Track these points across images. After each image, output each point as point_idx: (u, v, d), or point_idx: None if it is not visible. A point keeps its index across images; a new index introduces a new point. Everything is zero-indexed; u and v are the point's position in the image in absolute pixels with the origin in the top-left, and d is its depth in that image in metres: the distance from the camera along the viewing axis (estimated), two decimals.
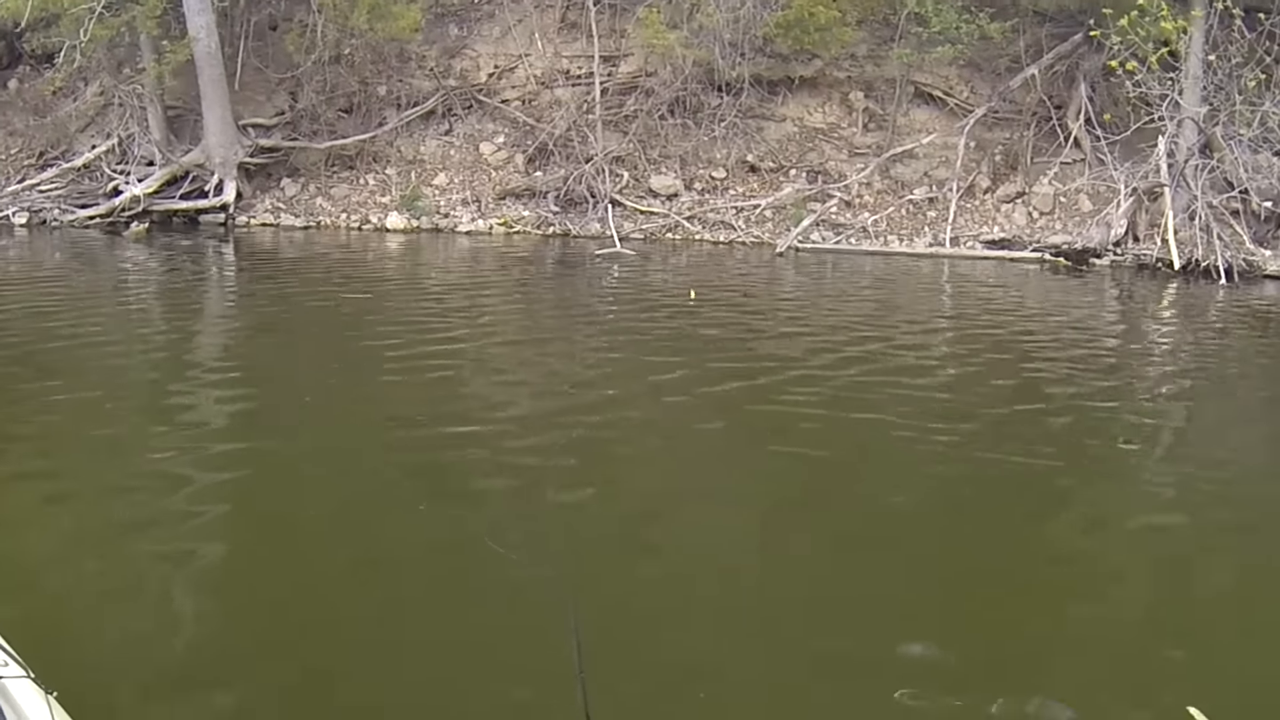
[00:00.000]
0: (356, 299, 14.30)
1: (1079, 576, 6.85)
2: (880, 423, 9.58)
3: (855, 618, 5.98)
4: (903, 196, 19.55)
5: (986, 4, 19.13)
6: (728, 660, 5.52)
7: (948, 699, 5.17)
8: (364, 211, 19.53)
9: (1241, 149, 17.82)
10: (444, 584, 6.20)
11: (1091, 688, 5.36)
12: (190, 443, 8.73)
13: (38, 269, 16.02)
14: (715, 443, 9.22)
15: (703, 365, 11.33)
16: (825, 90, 20.26)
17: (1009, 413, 10.09)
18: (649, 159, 19.80)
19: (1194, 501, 8.17)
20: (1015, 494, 8.18)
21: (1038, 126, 19.68)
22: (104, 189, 19.01)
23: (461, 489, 7.85)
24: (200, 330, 13.46)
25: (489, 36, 20.74)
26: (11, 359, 10.94)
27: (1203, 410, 11.01)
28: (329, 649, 5.51)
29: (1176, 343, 14.02)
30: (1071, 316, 14.96)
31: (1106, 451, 9.34)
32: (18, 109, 20.45)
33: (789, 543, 7.16)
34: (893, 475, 8.45)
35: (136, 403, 9.72)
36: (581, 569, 6.23)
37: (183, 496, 7.59)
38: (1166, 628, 6.19)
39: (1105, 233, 18.22)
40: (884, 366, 11.58)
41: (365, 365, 10.88)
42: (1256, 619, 6.21)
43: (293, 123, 20.01)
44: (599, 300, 14.98)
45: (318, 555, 6.72)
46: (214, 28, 18.31)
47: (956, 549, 7.17)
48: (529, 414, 9.69)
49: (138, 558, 6.67)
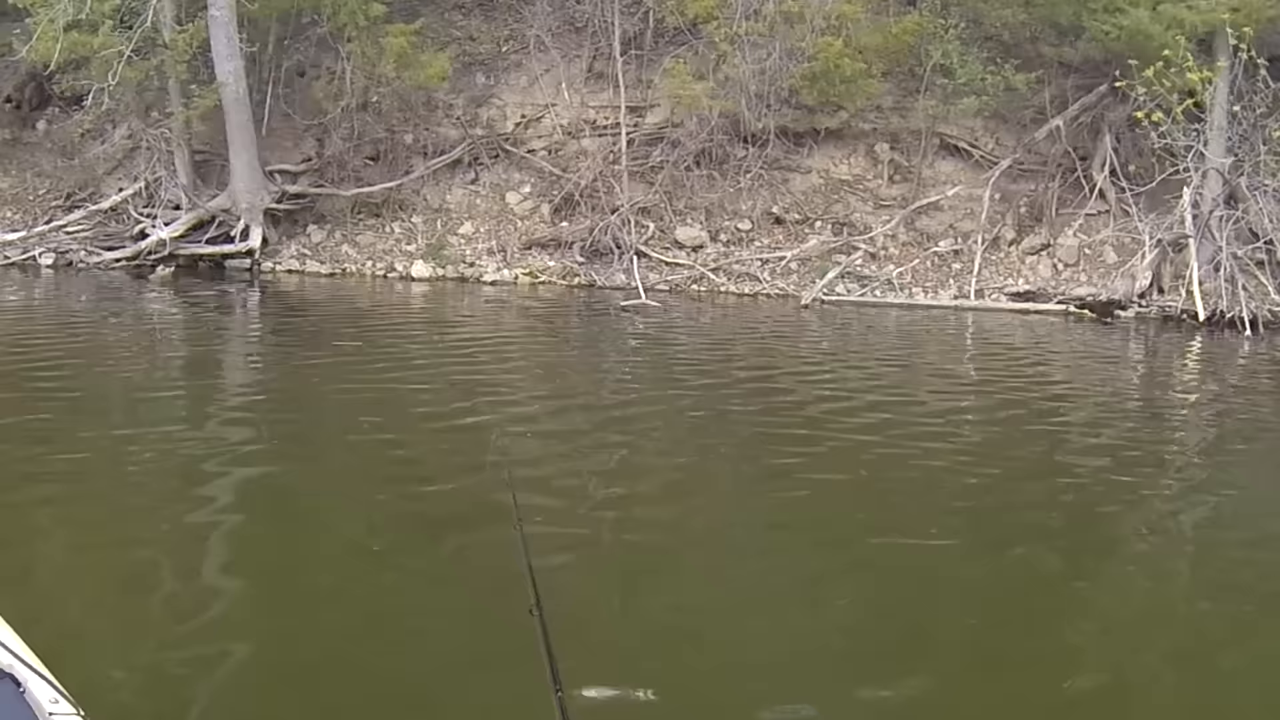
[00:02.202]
0: (381, 349, 14.31)
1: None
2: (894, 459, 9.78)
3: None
4: (928, 249, 19.44)
5: (1011, 55, 19.12)
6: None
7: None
8: (389, 259, 19.43)
9: (1266, 199, 17.83)
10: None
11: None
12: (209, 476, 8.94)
13: (65, 311, 16.13)
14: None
15: (715, 412, 11.49)
16: (851, 142, 20.13)
17: (1031, 478, 10.11)
18: (675, 210, 19.67)
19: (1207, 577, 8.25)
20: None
21: (1063, 178, 19.54)
22: (130, 232, 18.96)
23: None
24: (224, 374, 13.67)
25: (516, 86, 20.67)
26: (43, 395, 11.11)
27: (1225, 465, 11.00)
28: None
29: (1200, 397, 14.06)
30: (1095, 371, 14.99)
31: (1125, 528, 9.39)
32: (46, 150, 20.46)
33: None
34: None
35: (157, 442, 9.83)
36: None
37: (200, 526, 7.85)
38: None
39: (1130, 284, 18.15)
40: (900, 419, 11.67)
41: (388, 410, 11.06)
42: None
43: (319, 169, 19.93)
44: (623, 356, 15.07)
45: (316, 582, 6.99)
46: (242, 73, 18.31)
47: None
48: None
49: (170, 593, 6.84)
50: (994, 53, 19.21)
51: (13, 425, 10.04)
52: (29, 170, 20.36)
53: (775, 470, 9.81)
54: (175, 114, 18.66)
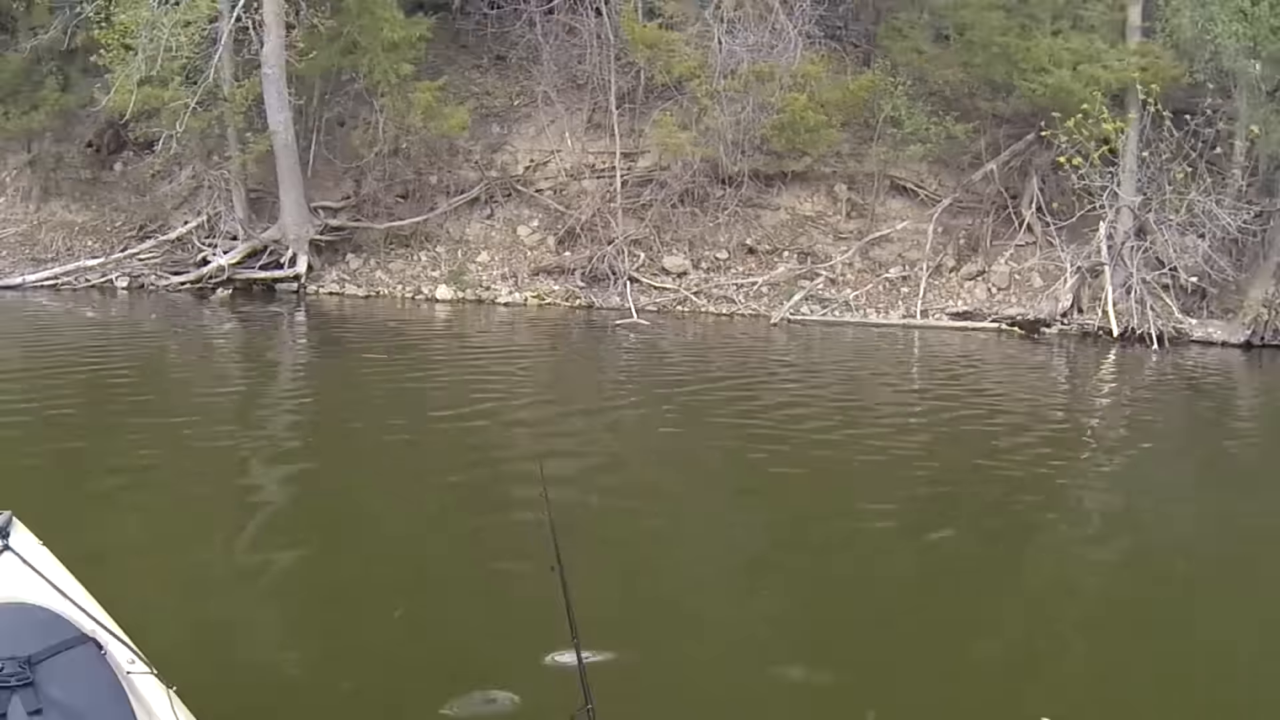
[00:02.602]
0: (410, 357, 14.48)
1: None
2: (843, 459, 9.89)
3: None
4: (879, 275, 19.39)
5: (952, 109, 19.19)
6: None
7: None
8: (417, 284, 19.37)
9: (1170, 232, 17.88)
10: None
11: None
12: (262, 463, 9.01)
13: (138, 326, 16.22)
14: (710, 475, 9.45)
15: (696, 414, 11.55)
16: (813, 183, 20.07)
17: (964, 471, 10.24)
18: (662, 241, 19.62)
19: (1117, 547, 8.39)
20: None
21: (996, 214, 19.58)
22: (194, 259, 18.92)
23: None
24: (275, 378, 13.76)
25: (526, 134, 20.61)
26: (119, 396, 11.23)
27: (1133, 460, 11.15)
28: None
29: (1113, 402, 14.20)
30: (1023, 380, 15.10)
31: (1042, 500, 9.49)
32: (121, 189, 20.43)
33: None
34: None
35: (218, 434, 9.92)
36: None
37: (258, 507, 7.98)
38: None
39: (1054, 305, 18.27)
40: (852, 420, 11.79)
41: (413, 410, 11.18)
42: (1119, 647, 6.26)
43: (357, 206, 19.86)
44: (618, 366, 15.15)
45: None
46: (290, 123, 18.33)
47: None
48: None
49: (231, 564, 6.95)
50: (937, 106, 19.27)
51: (93, 421, 10.22)
52: (107, 205, 20.30)
53: (743, 461, 9.94)
54: (233, 157, 18.64)
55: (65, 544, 3.94)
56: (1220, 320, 18.03)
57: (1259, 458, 11.67)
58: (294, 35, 18.07)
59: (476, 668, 5.46)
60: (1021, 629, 6.63)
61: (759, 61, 18.54)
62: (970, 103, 19.31)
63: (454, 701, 4.94)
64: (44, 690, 3.16)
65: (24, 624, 3.39)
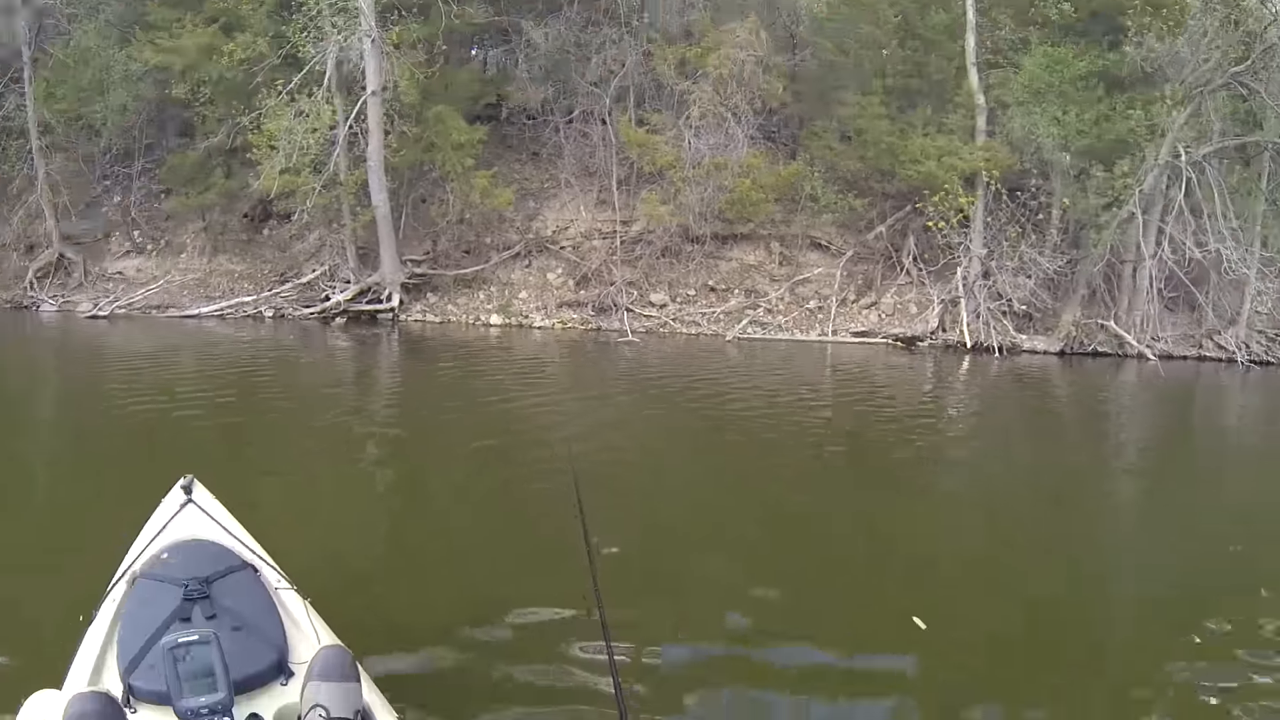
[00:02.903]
0: (470, 364, 14.59)
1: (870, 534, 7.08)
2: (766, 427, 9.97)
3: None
4: (803, 305, 19.47)
5: (853, 188, 19.28)
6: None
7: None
8: (476, 313, 19.37)
9: (1007, 274, 18.08)
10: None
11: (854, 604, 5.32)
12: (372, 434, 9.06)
13: (281, 344, 16.29)
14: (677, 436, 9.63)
15: (673, 401, 11.72)
16: (756, 241, 20.15)
17: (860, 427, 10.45)
18: (649, 283, 19.70)
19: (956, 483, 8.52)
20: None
21: (884, 262, 19.65)
22: (320, 296, 19.05)
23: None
24: (377, 379, 13.77)
25: (553, 208, 20.67)
26: (265, 393, 11.37)
27: (975, 430, 11.33)
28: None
29: (967, 393, 14.27)
30: (903, 378, 15.16)
31: (910, 455, 9.65)
32: (268, 246, 20.54)
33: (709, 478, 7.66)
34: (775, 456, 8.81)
35: (335, 418, 10.02)
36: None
37: (363, 471, 7.90)
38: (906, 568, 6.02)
39: (925, 326, 18.43)
40: (778, 403, 11.90)
41: (475, 399, 11.27)
42: (946, 563, 6.22)
43: (434, 258, 19.93)
44: (617, 370, 15.26)
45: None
46: (387, 200, 18.43)
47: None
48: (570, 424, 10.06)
49: (347, 512, 6.81)
50: (842, 187, 19.34)
51: (248, 407, 10.29)
52: (257, 259, 20.41)
53: (703, 430, 10.07)
54: (346, 225, 18.75)
55: (231, 497, 3.97)
56: (1043, 335, 18.23)
57: (1064, 425, 11.91)
58: (389, 138, 18.23)
59: (530, 568, 5.54)
60: (893, 541, 6.62)
61: (717, 156, 18.63)
62: (866, 184, 19.42)
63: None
64: (217, 601, 3.18)
65: (203, 555, 3.41)
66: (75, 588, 3.83)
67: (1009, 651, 4.80)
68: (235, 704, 2.74)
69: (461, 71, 19.81)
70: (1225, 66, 16.93)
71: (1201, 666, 4.47)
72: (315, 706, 2.66)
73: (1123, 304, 18.27)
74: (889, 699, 4.27)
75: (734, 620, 5.00)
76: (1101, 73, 17.61)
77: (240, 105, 17.95)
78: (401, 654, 4.27)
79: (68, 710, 2.49)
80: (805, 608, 5.22)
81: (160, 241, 20.81)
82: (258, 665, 2.97)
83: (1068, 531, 6.86)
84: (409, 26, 17.88)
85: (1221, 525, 7.19)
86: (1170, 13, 17.35)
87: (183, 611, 3.11)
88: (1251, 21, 16.99)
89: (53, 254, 20.35)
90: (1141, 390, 14.91)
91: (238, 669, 2.83)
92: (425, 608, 4.92)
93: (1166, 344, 18.22)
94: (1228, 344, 18.51)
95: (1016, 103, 17.74)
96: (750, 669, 4.45)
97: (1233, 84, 17.21)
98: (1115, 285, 18.35)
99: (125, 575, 3.37)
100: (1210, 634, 4.89)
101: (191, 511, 3.65)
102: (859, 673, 4.50)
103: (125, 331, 17.01)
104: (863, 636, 4.85)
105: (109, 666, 2.99)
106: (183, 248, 20.75)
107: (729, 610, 5.09)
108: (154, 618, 3.07)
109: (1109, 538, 6.87)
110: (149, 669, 2.86)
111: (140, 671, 2.89)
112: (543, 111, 20.77)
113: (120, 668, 2.94)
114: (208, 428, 9.11)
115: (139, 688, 2.85)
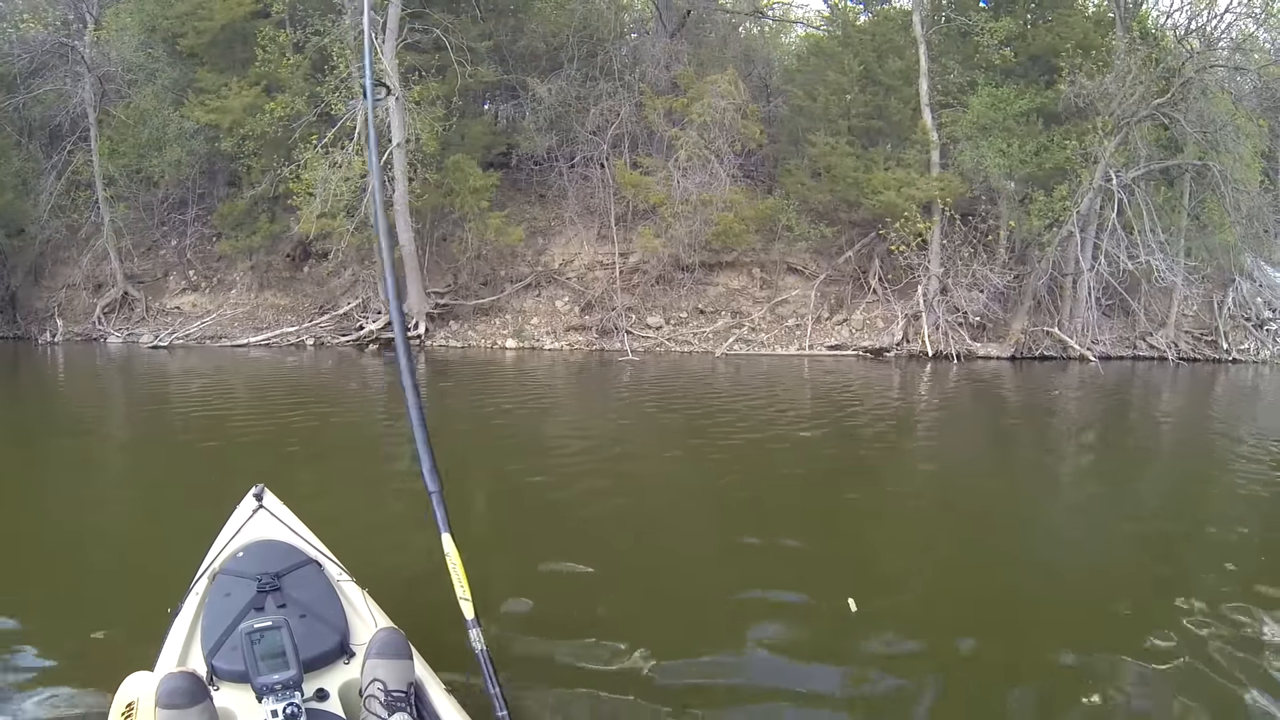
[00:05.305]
0: (488, 381, 14.56)
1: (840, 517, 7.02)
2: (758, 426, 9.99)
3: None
4: (783, 323, 19.55)
5: (824, 219, 19.37)
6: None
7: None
8: (494, 339, 19.40)
9: (962, 290, 18.22)
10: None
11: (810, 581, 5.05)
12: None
13: (321, 368, 16.17)
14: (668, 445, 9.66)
15: (667, 405, 11.77)
16: (739, 268, 20.21)
17: (837, 427, 10.41)
18: (646, 307, 19.76)
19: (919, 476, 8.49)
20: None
21: (853, 283, 19.72)
22: (354, 325, 19.10)
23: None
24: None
25: (559, 242, 20.72)
26: (311, 409, 11.30)
27: (939, 423, 11.30)
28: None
29: (929, 395, 14.20)
30: (873, 383, 15.11)
31: (880, 446, 9.70)
32: (309, 282, 20.54)
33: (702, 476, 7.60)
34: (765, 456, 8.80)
35: (371, 429, 9.94)
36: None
37: (401, 471, 7.72)
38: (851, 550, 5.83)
39: (891, 338, 18.55)
40: (761, 407, 11.85)
41: (488, 410, 11.26)
42: (908, 541, 6.07)
43: (455, 290, 19.96)
44: (618, 384, 15.22)
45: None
46: (413, 239, 18.48)
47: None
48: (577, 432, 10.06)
49: (395, 508, 6.82)
50: (814, 217, 19.43)
51: (303, 424, 10.15)
52: (299, 293, 20.43)
53: (693, 431, 9.97)
54: (377, 262, 18.63)
55: (296, 502, 3.98)
56: (995, 343, 18.38)
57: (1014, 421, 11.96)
58: (414, 184, 18.31)
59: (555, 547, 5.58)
60: (860, 528, 6.54)
61: (703, 193, 18.72)
62: (835, 214, 19.51)
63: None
64: (287, 593, 3.22)
65: (274, 553, 3.45)
66: (162, 584, 3.85)
67: (943, 618, 4.59)
68: (304, 680, 2.79)
69: (476, 124, 19.97)
70: (1148, 99, 17.18)
71: (1134, 637, 4.44)
72: (374, 681, 2.72)
73: (1065, 312, 18.41)
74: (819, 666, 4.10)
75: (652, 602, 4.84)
76: (1040, 109, 17.85)
77: (281, 158, 18.10)
78: (449, 634, 4.24)
79: (160, 688, 2.52)
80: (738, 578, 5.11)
81: (213, 279, 20.93)
82: (323, 646, 3.01)
83: (1014, 516, 6.86)
84: (429, 85, 18.06)
85: (1152, 503, 7.24)
86: (1099, 54, 17.61)
87: (257, 602, 3.16)
88: (1170, 59, 17.25)
89: (118, 292, 20.51)
90: (1084, 388, 14.97)
91: (306, 650, 2.88)
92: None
93: (1105, 346, 18.38)
94: (1159, 344, 18.68)
95: (966, 138, 17.96)
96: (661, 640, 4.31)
97: (1156, 114, 17.46)
98: (1058, 296, 18.48)
99: (206, 572, 3.41)
100: (1140, 603, 4.92)
101: (263, 515, 3.70)
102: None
103: (184, 360, 17.01)
104: (803, 616, 4.61)
105: (194, 650, 3.03)
106: (233, 284, 20.85)
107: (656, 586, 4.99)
108: (232, 607, 3.13)
109: (1049, 520, 6.88)
110: (229, 651, 2.91)
111: (222, 654, 2.94)
112: (548, 158, 20.90)
113: (204, 651, 2.98)
114: (268, 441, 8.96)
115: (221, 668, 2.90)
